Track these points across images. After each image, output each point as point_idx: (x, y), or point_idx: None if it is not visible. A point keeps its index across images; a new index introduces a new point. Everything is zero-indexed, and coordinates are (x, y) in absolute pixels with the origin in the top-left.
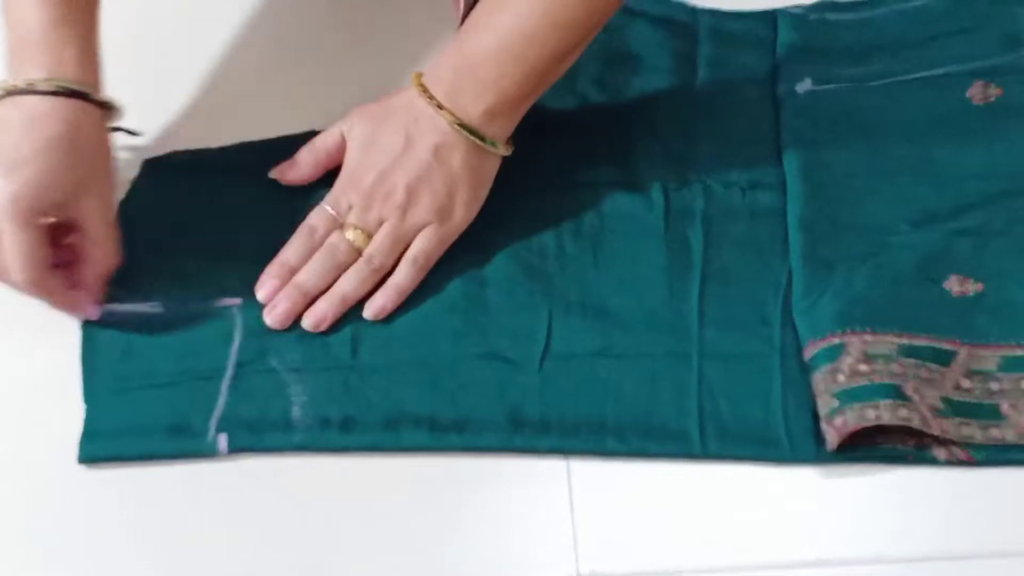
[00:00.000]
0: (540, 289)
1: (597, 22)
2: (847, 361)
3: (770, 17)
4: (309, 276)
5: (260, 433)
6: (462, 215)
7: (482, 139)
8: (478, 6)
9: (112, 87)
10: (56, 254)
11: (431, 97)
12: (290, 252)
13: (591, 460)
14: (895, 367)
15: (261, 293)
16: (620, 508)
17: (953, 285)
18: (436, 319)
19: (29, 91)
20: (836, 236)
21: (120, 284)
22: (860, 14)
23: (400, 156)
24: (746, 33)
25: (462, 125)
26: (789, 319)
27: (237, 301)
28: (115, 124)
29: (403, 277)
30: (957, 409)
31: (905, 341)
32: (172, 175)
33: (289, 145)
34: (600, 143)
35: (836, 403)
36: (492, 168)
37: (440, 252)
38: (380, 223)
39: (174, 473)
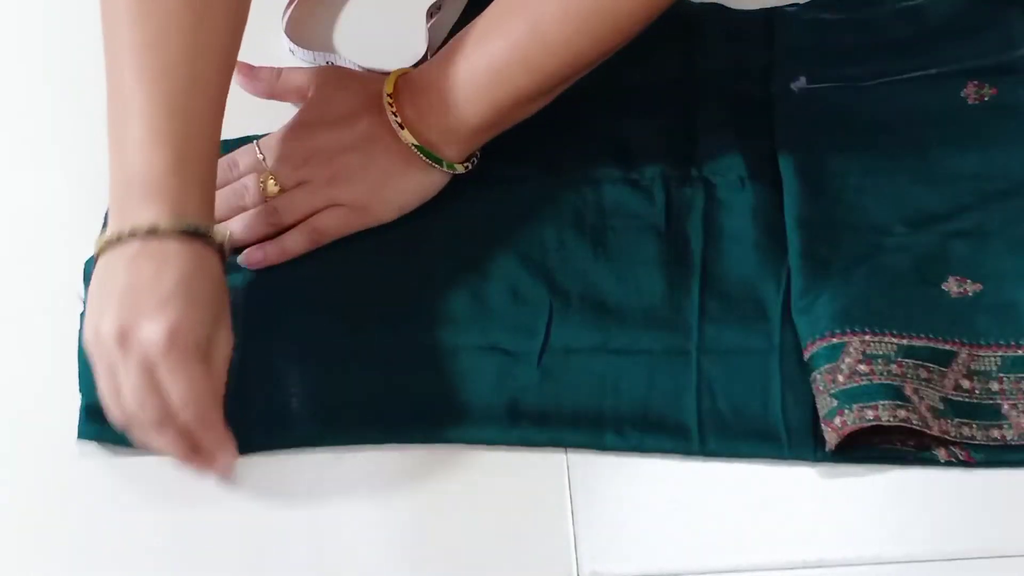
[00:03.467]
0: (540, 283)
1: (570, 74)
2: (846, 361)
3: (765, 16)
4: (216, 205)
5: (256, 426)
6: (379, 213)
7: (432, 158)
8: (462, 31)
9: None
10: None
11: (392, 107)
12: None
13: (591, 460)
14: (894, 367)
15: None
16: (620, 508)
17: (951, 286)
18: (436, 310)
19: (152, 234)
20: (834, 235)
21: None
22: (855, 14)
23: (349, 134)
24: (742, 31)
25: (417, 145)
26: (788, 316)
27: (237, 293)
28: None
29: (294, 241)
30: (957, 409)
31: (904, 342)
32: None
33: None
34: (600, 139)
35: (835, 403)
36: (435, 182)
37: (337, 235)
38: (299, 184)
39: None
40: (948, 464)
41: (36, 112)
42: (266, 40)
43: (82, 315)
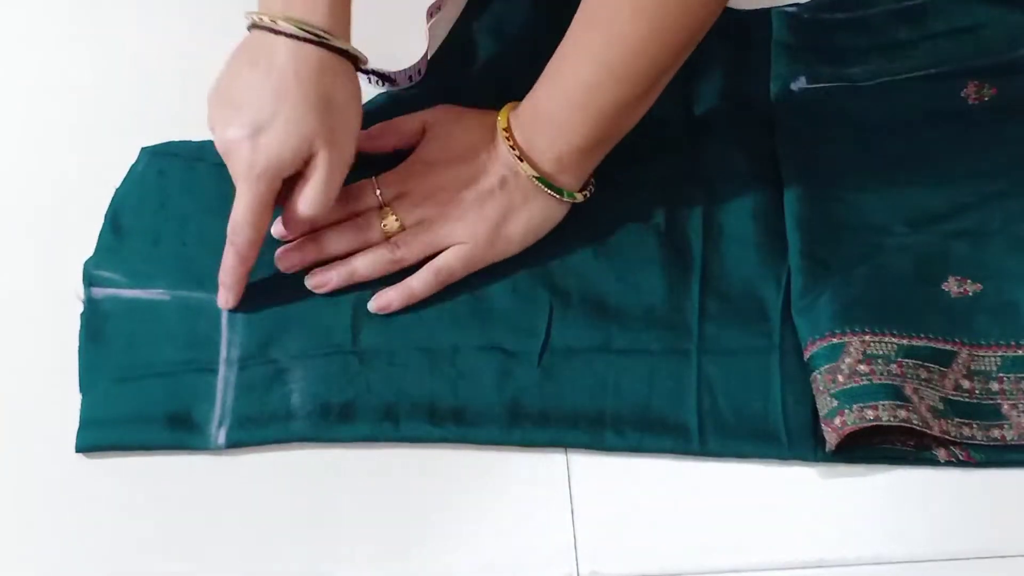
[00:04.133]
0: (541, 283)
1: (658, 74)
2: (846, 361)
3: (765, 16)
4: (331, 238)
5: (259, 426)
6: (502, 248)
7: (552, 188)
8: (555, 53)
9: (113, 84)
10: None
11: (511, 140)
12: (328, 216)
13: (591, 460)
14: (895, 367)
15: (278, 228)
16: (620, 508)
17: (952, 286)
18: (437, 309)
19: (273, 30)
20: (833, 235)
21: (124, 270)
22: (854, 13)
23: (468, 170)
24: (742, 31)
25: (537, 177)
26: (789, 315)
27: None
28: (366, 68)
29: (420, 283)
30: (957, 409)
31: (904, 342)
32: (171, 164)
33: None
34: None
35: (835, 403)
36: (555, 214)
37: (464, 274)
38: (420, 222)
39: (172, 463)
40: (948, 464)
41: (36, 112)
42: None
43: (82, 315)
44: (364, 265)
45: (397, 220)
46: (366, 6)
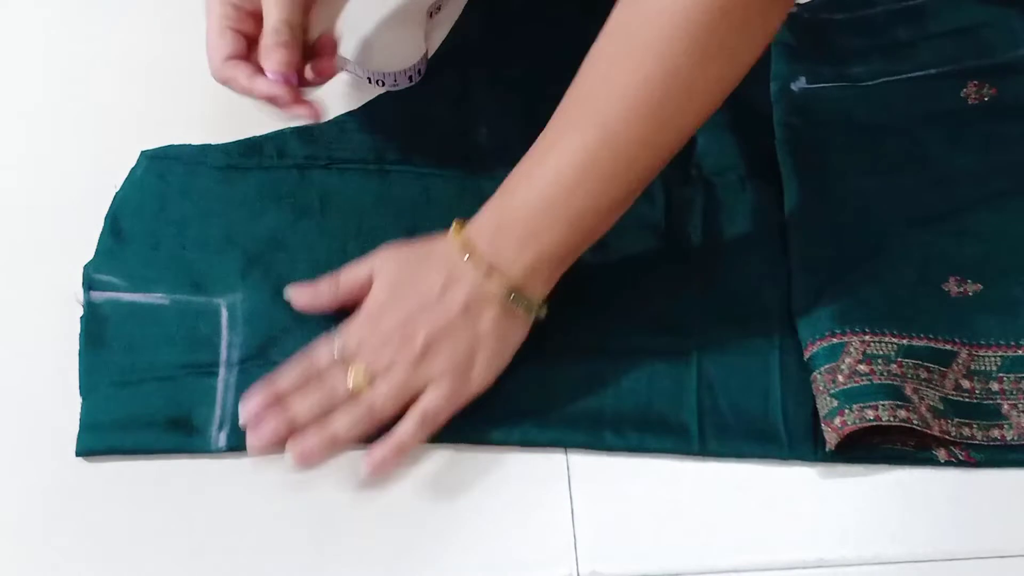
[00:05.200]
0: None
1: (644, 176)
2: (846, 361)
3: None
4: (301, 407)
5: None
6: (478, 379)
7: (520, 300)
8: (519, 163)
9: (114, 88)
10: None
11: (474, 253)
12: (282, 377)
13: (591, 460)
14: (894, 367)
15: (244, 409)
16: (620, 508)
17: (952, 286)
18: None
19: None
20: (833, 235)
21: (123, 273)
22: (854, 13)
23: (428, 304)
24: None
25: (507, 290)
26: (789, 315)
27: (237, 296)
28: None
29: (407, 433)
30: (957, 409)
31: (904, 341)
32: (171, 167)
33: (287, 139)
34: None
35: (835, 403)
36: (521, 334)
37: (449, 412)
38: (389, 368)
39: (172, 466)
40: (948, 464)
41: (37, 115)
42: None
43: (82, 319)
44: (344, 427)
45: (364, 373)
46: (366, 6)
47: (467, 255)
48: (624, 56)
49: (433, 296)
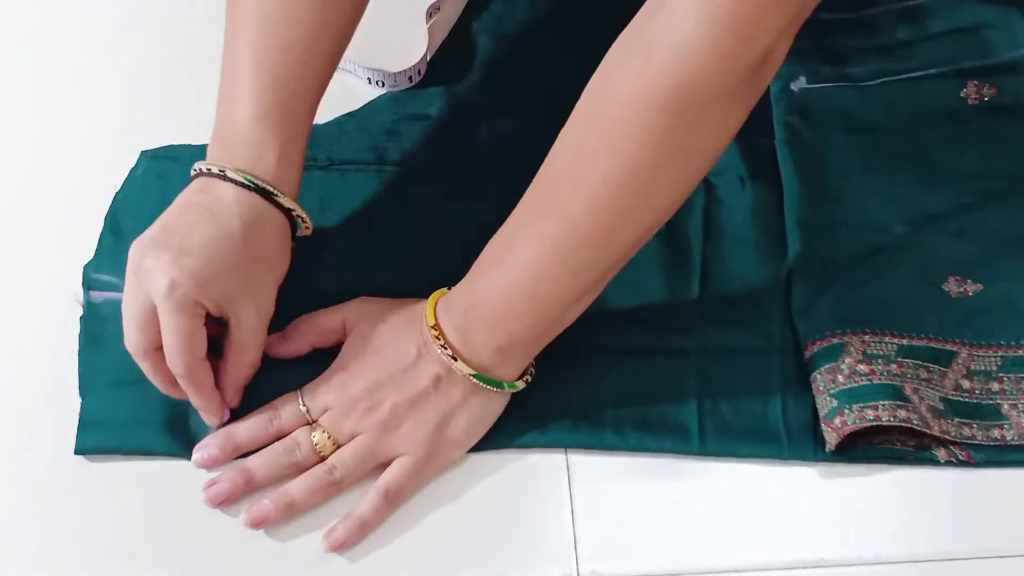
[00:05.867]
0: None
1: (610, 266)
2: (846, 361)
3: None
4: (260, 466)
5: None
6: (446, 453)
7: (490, 382)
8: (491, 241)
9: (113, 88)
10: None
11: (441, 337)
12: (243, 429)
13: (592, 459)
14: (894, 367)
15: (197, 456)
16: (620, 508)
17: (952, 286)
18: None
19: (219, 177)
20: (833, 236)
21: (123, 273)
22: (855, 13)
23: (398, 373)
24: None
25: (473, 374)
26: (789, 315)
27: None
28: (302, 235)
29: (369, 510)
30: (957, 409)
31: (904, 342)
32: (171, 167)
33: None
34: None
35: (835, 403)
36: (497, 406)
37: (414, 487)
38: (352, 436)
39: (171, 467)
40: (948, 464)
41: (37, 115)
42: None
43: (82, 319)
44: (301, 492)
45: (328, 436)
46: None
47: (437, 335)
48: (587, 151)
49: (405, 365)
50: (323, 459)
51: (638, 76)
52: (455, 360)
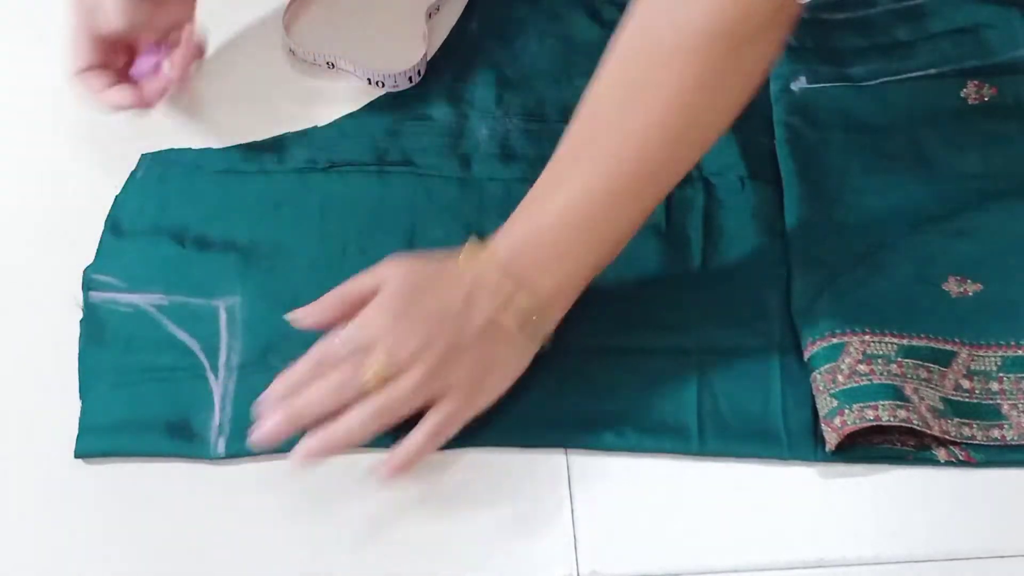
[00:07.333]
0: None
1: (668, 191)
2: (846, 361)
3: None
4: (308, 406)
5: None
6: (484, 401)
7: (539, 324)
8: (545, 171)
9: None
10: None
11: (502, 271)
12: (296, 379)
13: (592, 459)
14: (894, 367)
15: (258, 405)
16: (620, 508)
17: (952, 286)
18: None
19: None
20: (833, 235)
21: (122, 274)
22: (855, 13)
23: (450, 315)
24: None
25: (525, 316)
26: (789, 315)
27: (236, 299)
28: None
29: (418, 445)
30: (957, 409)
31: (904, 341)
32: (171, 170)
33: (287, 144)
34: None
35: (835, 403)
36: (527, 359)
37: (454, 430)
38: (412, 363)
39: (171, 470)
40: (948, 464)
41: (38, 117)
42: (266, 41)
43: (82, 321)
44: (357, 423)
45: (379, 374)
46: (366, 6)
47: (494, 272)
48: (640, 81)
49: (455, 309)
50: (377, 390)
51: (685, 6)
52: (516, 295)
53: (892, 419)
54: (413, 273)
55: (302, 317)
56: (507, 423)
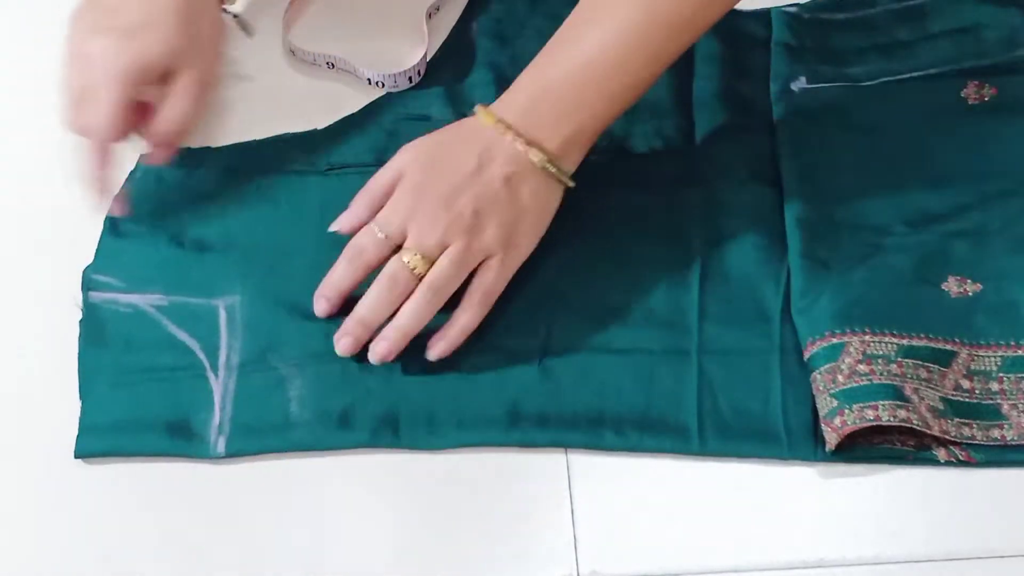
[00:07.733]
0: (540, 283)
1: (682, 51)
2: (846, 361)
3: (765, 16)
4: (370, 309)
5: (258, 435)
6: (525, 248)
7: (558, 170)
8: (558, 31)
9: None
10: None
11: (509, 128)
12: (337, 275)
13: (592, 459)
14: (894, 367)
15: (317, 309)
16: (620, 508)
17: (951, 286)
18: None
19: None
20: (833, 236)
21: (122, 274)
22: (854, 13)
23: (469, 178)
24: (741, 31)
25: (547, 163)
26: (789, 315)
27: (236, 299)
28: (229, 8)
29: (469, 317)
30: (957, 409)
31: (904, 342)
32: (170, 170)
33: (286, 145)
34: (600, 139)
35: (835, 403)
36: (557, 200)
37: (502, 287)
38: (442, 247)
39: (171, 470)
40: (948, 464)
41: (37, 117)
42: (266, 40)
43: (81, 322)
44: (411, 320)
45: (420, 256)
46: (366, 6)
47: (504, 131)
48: None
49: (471, 171)
50: (420, 279)
51: None
52: (529, 149)
53: (892, 419)
54: (427, 152)
55: (341, 226)
56: (507, 423)
